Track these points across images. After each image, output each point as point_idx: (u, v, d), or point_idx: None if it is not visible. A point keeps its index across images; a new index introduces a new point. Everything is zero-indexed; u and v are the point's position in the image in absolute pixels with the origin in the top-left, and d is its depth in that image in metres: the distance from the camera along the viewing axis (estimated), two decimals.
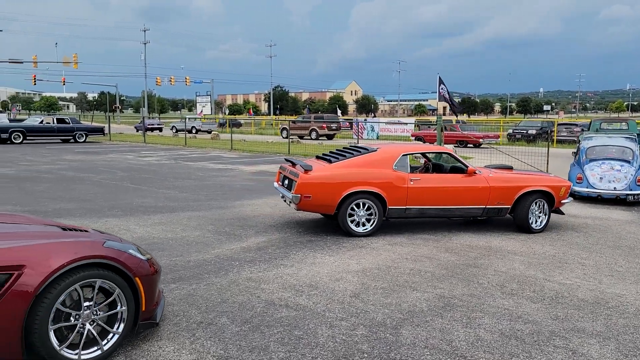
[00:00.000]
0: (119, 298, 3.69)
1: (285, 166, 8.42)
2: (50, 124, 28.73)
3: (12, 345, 3.26)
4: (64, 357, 3.43)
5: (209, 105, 66.54)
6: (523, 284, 5.61)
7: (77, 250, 3.51)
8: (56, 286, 3.36)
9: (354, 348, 3.96)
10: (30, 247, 3.42)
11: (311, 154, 23.19)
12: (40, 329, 3.32)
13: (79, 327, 3.53)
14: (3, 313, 3.19)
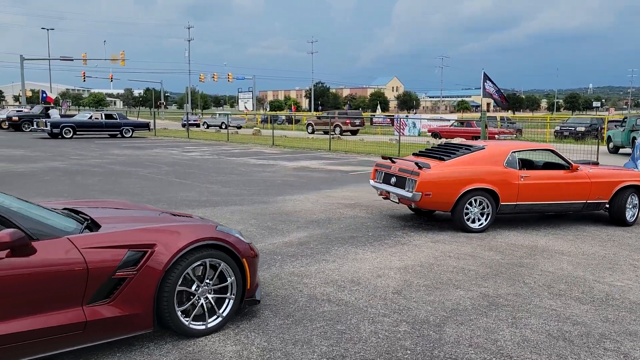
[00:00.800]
0: (229, 275, 4.16)
1: (384, 163, 8.55)
2: (99, 120, 29.67)
3: (146, 316, 3.73)
4: (189, 327, 3.94)
5: (251, 101, 67.26)
6: (571, 284, 5.45)
7: (197, 232, 4.02)
8: (181, 263, 3.85)
9: (397, 344, 3.94)
10: (160, 228, 3.95)
11: (352, 150, 23.15)
12: (168, 302, 3.79)
13: (198, 300, 4.03)
14: (139, 285, 3.68)
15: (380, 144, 27.16)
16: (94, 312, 3.52)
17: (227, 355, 3.71)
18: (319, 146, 25.36)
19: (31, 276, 3.28)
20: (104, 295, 3.58)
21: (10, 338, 3.19)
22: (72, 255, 3.45)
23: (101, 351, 3.73)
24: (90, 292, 3.51)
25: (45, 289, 3.34)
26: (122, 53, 53.52)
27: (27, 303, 3.29)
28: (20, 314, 3.26)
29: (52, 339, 3.36)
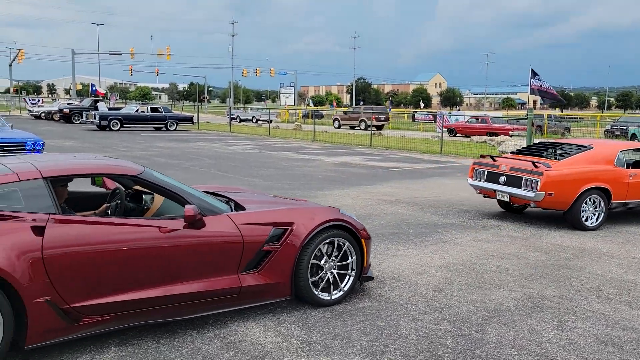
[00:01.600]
0: (351, 254, 4.66)
1: (485, 162, 8.64)
2: (145, 113, 30.43)
3: (285, 285, 4.32)
4: (318, 297, 4.47)
5: (292, 96, 67.63)
6: (621, 288, 5.26)
7: (327, 214, 4.60)
8: (314, 240, 4.40)
9: (438, 342, 3.89)
10: (297, 209, 4.56)
11: (393, 146, 22.98)
12: (304, 273, 4.34)
13: (325, 274, 4.55)
14: (281, 258, 4.25)
15: (423, 140, 26.86)
16: (247, 280, 4.14)
17: (268, 346, 3.75)
18: (360, 142, 25.27)
19: (201, 246, 3.92)
20: (253, 265, 4.20)
21: (186, 297, 3.85)
22: (231, 229, 4.09)
23: (146, 337, 3.83)
24: (244, 262, 4.14)
25: (212, 257, 3.98)
26: (168, 48, 54.68)
27: (198, 268, 3.92)
28: (193, 278, 3.91)
29: (216, 300, 4.02)
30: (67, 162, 4.01)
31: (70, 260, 3.41)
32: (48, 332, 3.37)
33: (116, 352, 3.59)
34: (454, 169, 15.47)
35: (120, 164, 4.14)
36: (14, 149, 11.07)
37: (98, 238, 3.54)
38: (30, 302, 3.25)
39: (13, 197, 3.46)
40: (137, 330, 3.93)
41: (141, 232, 3.72)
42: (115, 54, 58.67)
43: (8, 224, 3.32)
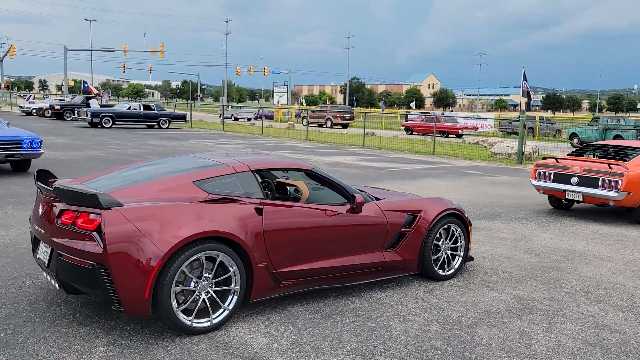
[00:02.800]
0: (460, 237, 5.51)
1: (550, 164, 9.15)
2: (137, 110, 30.27)
3: (414, 262, 5.19)
4: (438, 273, 5.31)
5: (286, 95, 67.53)
6: (610, 291, 5.29)
7: (446, 204, 5.48)
8: (437, 225, 5.28)
9: (428, 344, 3.89)
10: (422, 200, 5.46)
11: (386, 146, 23.01)
12: (427, 254, 5.22)
13: (442, 254, 5.38)
14: (413, 239, 5.15)
15: (415, 141, 26.91)
16: (388, 256, 5.02)
17: (257, 347, 3.73)
18: (353, 142, 25.28)
19: (359, 227, 4.80)
20: (392, 244, 5.08)
21: (349, 268, 4.75)
22: (379, 215, 4.96)
23: (134, 337, 3.80)
24: (387, 241, 5.03)
25: (366, 236, 4.85)
26: (162, 45, 54.44)
27: (356, 245, 4.78)
28: (353, 252, 4.78)
29: (367, 272, 4.90)
30: (264, 159, 4.91)
31: (277, 235, 4.27)
32: (263, 291, 4.26)
33: (104, 352, 3.56)
34: (446, 170, 15.50)
35: (299, 161, 5.09)
36: (11, 146, 10.89)
37: (293, 219, 4.40)
38: (255, 266, 4.12)
39: (233, 185, 4.29)
40: (126, 331, 3.90)
41: (318, 215, 4.57)
42: (107, 51, 58.32)
43: (237, 205, 4.14)
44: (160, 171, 4.42)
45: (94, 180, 4.43)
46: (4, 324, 3.93)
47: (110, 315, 4.15)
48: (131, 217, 3.67)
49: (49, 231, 3.90)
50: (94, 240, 3.62)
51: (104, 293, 3.66)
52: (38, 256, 4.17)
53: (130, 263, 3.61)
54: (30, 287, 4.70)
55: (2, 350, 3.52)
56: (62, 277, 3.82)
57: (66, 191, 3.76)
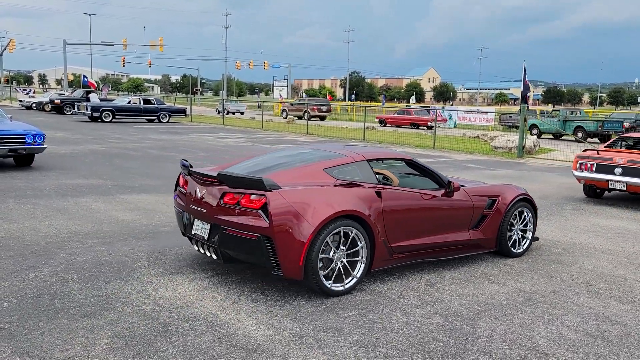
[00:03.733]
0: (529, 219, 6.30)
1: (590, 155, 9.87)
2: (137, 104, 30.24)
3: (492, 241, 5.95)
4: (511, 251, 6.06)
5: (286, 89, 67.41)
6: (611, 283, 5.31)
7: (519, 190, 6.24)
8: (512, 208, 6.02)
9: (429, 336, 3.91)
10: (500, 186, 6.23)
11: (386, 140, 23.00)
12: (504, 233, 5.93)
13: (515, 233, 6.12)
14: (492, 221, 5.90)
15: (416, 135, 26.91)
16: (473, 235, 5.76)
17: (260, 339, 3.75)
18: (353, 136, 25.27)
19: (451, 209, 5.54)
20: (476, 225, 5.84)
21: (444, 244, 5.48)
22: (467, 199, 5.71)
23: (138, 329, 3.82)
24: (472, 221, 5.78)
25: (456, 217, 5.59)
26: (161, 39, 54.30)
27: (449, 224, 5.53)
28: (447, 231, 5.52)
29: (456, 248, 5.63)
30: (375, 150, 5.65)
31: (392, 215, 4.95)
32: (380, 262, 4.95)
33: (108, 344, 3.58)
34: (446, 164, 15.50)
35: (400, 152, 5.85)
36: (14, 141, 10.81)
37: (404, 201, 5.09)
38: (377, 240, 4.81)
39: (354, 173, 5.00)
40: (129, 323, 3.92)
41: (421, 198, 5.27)
42: (107, 45, 58.20)
43: (361, 189, 4.82)
44: (291, 160, 5.21)
45: (230, 168, 5.25)
46: (8, 316, 3.95)
47: (113, 308, 4.17)
48: (288, 198, 4.40)
49: (211, 210, 4.60)
50: (260, 216, 4.34)
51: (267, 260, 4.38)
52: (194, 232, 4.89)
53: (289, 235, 4.32)
54: (33, 280, 4.72)
55: (7, 343, 3.54)
56: (223, 249, 4.58)
57: (230, 177, 4.51)
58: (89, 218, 7.10)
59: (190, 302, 4.37)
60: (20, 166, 11.52)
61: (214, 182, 4.69)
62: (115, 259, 5.40)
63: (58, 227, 6.58)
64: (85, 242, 5.97)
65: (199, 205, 4.76)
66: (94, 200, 8.30)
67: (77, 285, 4.62)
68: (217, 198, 4.58)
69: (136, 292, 4.54)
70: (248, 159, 5.58)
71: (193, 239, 4.97)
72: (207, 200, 4.68)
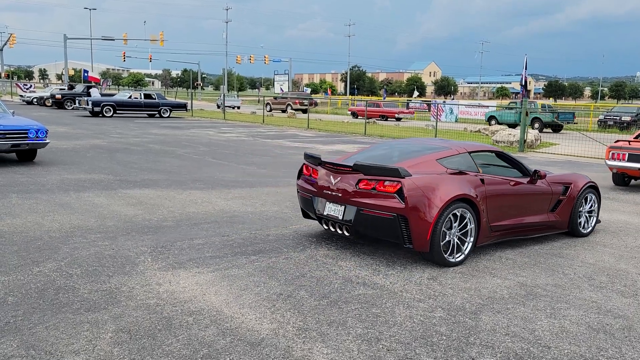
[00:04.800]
0: (595, 203, 7.09)
1: (622, 145, 10.69)
2: (138, 99, 30.22)
3: (565, 222, 6.74)
4: (581, 231, 6.86)
5: (287, 84, 67.29)
6: (613, 277, 5.32)
7: (586, 178, 7.01)
8: (581, 194, 6.82)
9: (432, 330, 3.93)
10: (571, 174, 7.02)
11: (387, 134, 22.98)
12: (575, 215, 6.78)
13: (581, 216, 6.88)
14: (566, 205, 6.70)
15: (417, 129, 26.87)
16: (550, 217, 6.57)
17: (264, 333, 3.77)
18: (354, 130, 25.26)
19: (536, 194, 6.35)
20: (552, 208, 6.62)
21: (529, 225, 6.31)
22: (546, 185, 6.52)
23: (142, 323, 3.84)
24: (550, 205, 6.58)
25: (539, 201, 6.40)
26: (162, 34, 54.20)
27: (533, 207, 6.34)
28: (531, 213, 6.33)
29: (538, 228, 6.46)
30: (472, 144, 6.45)
31: (492, 198, 5.76)
32: (483, 238, 5.71)
33: (113, 337, 3.60)
34: None
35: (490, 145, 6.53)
36: (17, 136, 10.74)
37: (500, 186, 5.93)
38: (482, 221, 5.61)
39: (459, 163, 5.81)
40: (133, 317, 3.94)
41: (512, 184, 6.11)
42: (107, 40, 58.10)
43: (469, 177, 5.63)
44: (405, 151, 6.06)
45: (348, 159, 6.09)
46: (13, 310, 3.97)
47: (117, 302, 4.19)
48: (418, 183, 5.23)
49: (346, 194, 5.49)
50: (395, 199, 5.19)
51: (401, 236, 5.23)
52: (326, 213, 5.76)
53: (419, 214, 5.15)
54: (37, 274, 4.74)
55: (12, 337, 3.56)
56: (357, 226, 5.45)
57: (367, 166, 5.39)
58: (92, 213, 7.12)
59: (193, 296, 4.39)
60: (22, 161, 11.52)
61: (349, 170, 5.55)
62: (119, 254, 5.42)
63: (61, 221, 6.60)
64: (89, 236, 5.99)
65: (333, 190, 5.63)
66: (96, 195, 8.32)
67: (81, 280, 4.64)
68: (353, 184, 5.45)
69: (140, 286, 4.56)
70: (359, 152, 6.46)
71: (323, 218, 5.84)
72: (341, 186, 5.55)
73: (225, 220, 6.98)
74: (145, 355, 3.39)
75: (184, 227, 6.57)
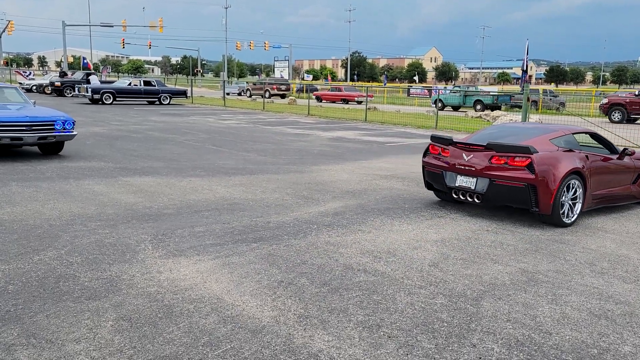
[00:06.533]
0: None
1: None
2: (138, 86, 30.08)
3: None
4: None
5: (287, 70, 66.97)
6: (614, 263, 5.31)
7: None
8: None
9: (434, 316, 3.92)
10: None
11: (388, 121, 22.91)
12: None
13: None
14: None
15: (418, 115, 26.78)
16: (632, 188, 7.67)
17: (265, 320, 3.77)
18: (355, 117, 25.17)
19: (623, 168, 7.43)
20: (633, 181, 7.69)
21: (616, 196, 7.38)
22: (630, 161, 7.59)
23: (143, 311, 3.83)
24: (632, 178, 7.66)
25: (625, 174, 7.48)
26: (161, 20, 53.82)
27: (620, 181, 7.42)
28: (618, 185, 7.41)
29: (620, 197, 7.52)
30: (572, 126, 7.60)
31: (594, 171, 6.85)
32: (585, 205, 6.79)
33: (114, 326, 3.60)
34: None
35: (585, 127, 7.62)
36: (44, 128, 10.03)
37: (598, 162, 7.03)
38: (587, 190, 6.74)
39: (566, 142, 6.95)
40: (134, 305, 3.93)
41: (606, 160, 7.22)
42: (106, 26, 57.69)
43: (576, 154, 6.77)
44: (517, 133, 7.22)
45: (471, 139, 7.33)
46: (13, 299, 3.97)
47: (118, 291, 4.19)
48: (544, 159, 6.41)
49: (480, 168, 6.66)
50: (525, 171, 6.36)
51: (529, 201, 6.38)
52: (457, 184, 6.92)
53: (545, 184, 6.32)
54: (38, 262, 4.73)
55: (13, 325, 3.56)
56: (489, 194, 6.63)
57: (500, 145, 6.59)
58: (92, 201, 7.10)
59: (194, 284, 4.39)
60: (46, 154, 10.84)
61: (481, 149, 6.74)
62: (119, 242, 5.41)
63: (61, 209, 6.59)
64: (89, 224, 5.98)
65: (466, 165, 6.80)
66: (96, 182, 8.30)
67: (81, 268, 4.64)
68: (486, 160, 6.63)
69: (140, 274, 4.56)
70: (474, 134, 7.66)
71: (453, 189, 6.97)
72: (474, 162, 6.73)
73: (226, 208, 6.96)
74: (146, 343, 3.39)
75: (184, 214, 6.56)
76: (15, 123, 9.77)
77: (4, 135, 9.65)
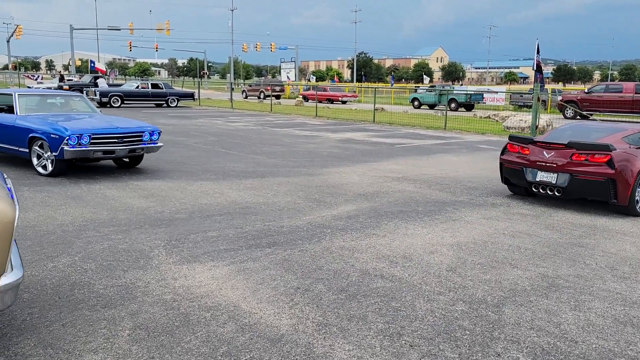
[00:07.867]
0: None
1: None
2: (146, 89, 30.11)
3: None
4: None
5: (293, 71, 66.94)
6: (636, 267, 5.20)
7: None
8: None
9: (455, 324, 3.84)
10: None
11: (396, 122, 22.81)
12: None
13: None
14: None
15: (426, 116, 26.65)
16: None
17: (283, 329, 3.70)
18: (363, 118, 25.08)
19: None
20: None
21: None
22: None
23: (160, 320, 3.78)
24: None
25: None
26: (167, 23, 53.97)
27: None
28: None
29: None
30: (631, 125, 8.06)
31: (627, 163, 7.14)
32: None
33: (131, 335, 3.55)
34: (458, 145, 15.34)
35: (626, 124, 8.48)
36: (133, 140, 9.26)
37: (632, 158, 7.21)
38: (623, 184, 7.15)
39: (633, 140, 7.57)
40: (150, 314, 3.88)
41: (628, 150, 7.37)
42: (114, 29, 57.96)
43: None
44: (589, 131, 7.95)
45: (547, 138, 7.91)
46: (28, 307, 3.92)
47: (134, 298, 4.14)
48: (621, 156, 7.08)
49: (562, 165, 7.29)
50: (605, 167, 7.02)
51: (609, 194, 7.05)
52: (538, 179, 7.52)
53: (624, 178, 6.99)
54: (52, 270, 4.69)
55: (29, 334, 3.51)
56: (570, 188, 7.27)
57: (581, 143, 7.24)
58: (104, 205, 7.07)
59: (210, 291, 4.33)
60: (122, 168, 10.12)
61: (562, 147, 7.38)
62: (132, 247, 5.37)
63: (73, 215, 6.55)
64: (101, 230, 5.94)
65: (547, 162, 7.43)
66: (108, 187, 8.27)
67: (96, 275, 4.59)
68: (567, 157, 7.29)
69: (155, 281, 4.51)
70: (551, 132, 8.32)
71: (534, 184, 7.61)
72: (555, 159, 7.38)
73: (238, 212, 6.91)
74: (164, 353, 3.33)
75: (196, 219, 6.51)
76: (108, 135, 8.93)
77: (96, 148, 8.81)
